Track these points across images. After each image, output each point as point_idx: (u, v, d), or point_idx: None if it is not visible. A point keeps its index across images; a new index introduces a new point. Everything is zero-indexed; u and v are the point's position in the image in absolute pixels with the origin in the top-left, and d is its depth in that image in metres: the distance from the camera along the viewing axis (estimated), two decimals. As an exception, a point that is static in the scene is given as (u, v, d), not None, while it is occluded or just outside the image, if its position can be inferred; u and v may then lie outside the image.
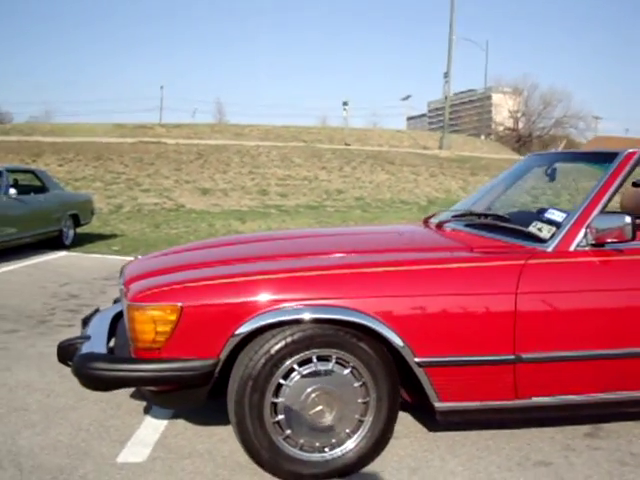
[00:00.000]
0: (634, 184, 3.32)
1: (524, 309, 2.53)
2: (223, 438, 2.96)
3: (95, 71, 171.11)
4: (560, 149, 3.68)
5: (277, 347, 2.45)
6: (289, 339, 2.46)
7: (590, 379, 2.67)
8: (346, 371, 2.54)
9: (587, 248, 2.68)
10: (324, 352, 2.51)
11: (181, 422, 3.18)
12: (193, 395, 2.58)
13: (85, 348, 2.72)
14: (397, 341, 2.48)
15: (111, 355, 2.63)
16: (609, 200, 2.76)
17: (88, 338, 2.87)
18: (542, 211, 2.95)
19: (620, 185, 2.79)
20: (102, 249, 9.99)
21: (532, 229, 2.83)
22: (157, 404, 2.77)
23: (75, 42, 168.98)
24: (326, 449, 2.58)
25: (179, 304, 2.46)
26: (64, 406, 3.38)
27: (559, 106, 54.44)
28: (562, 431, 3.05)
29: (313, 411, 2.53)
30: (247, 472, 2.65)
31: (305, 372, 2.51)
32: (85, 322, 3.26)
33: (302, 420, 2.53)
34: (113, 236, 11.70)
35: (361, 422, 2.59)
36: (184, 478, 2.63)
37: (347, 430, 2.58)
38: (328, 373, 2.53)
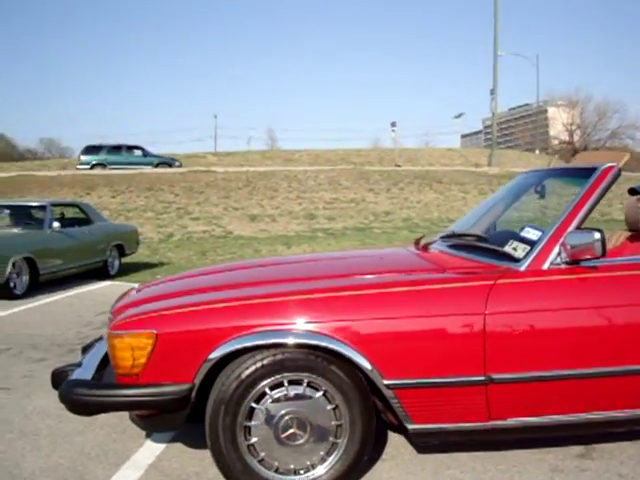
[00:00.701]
0: (631, 191, 3.24)
1: (493, 329, 2.52)
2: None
3: (152, 102, 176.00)
4: (552, 165, 3.64)
5: (248, 372, 2.52)
6: (259, 364, 2.52)
7: (567, 399, 2.63)
8: (318, 394, 2.58)
9: (562, 266, 2.66)
10: (295, 376, 2.56)
11: (178, 445, 3.26)
12: (172, 419, 2.66)
13: (74, 375, 2.84)
14: (365, 364, 2.51)
15: (93, 381, 2.73)
16: (586, 216, 2.73)
17: (80, 365, 2.99)
18: (521, 230, 2.94)
19: (598, 200, 2.75)
20: (146, 278, 10.22)
21: (507, 248, 2.82)
22: (142, 427, 2.85)
23: (134, 78, 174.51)
24: (301, 471, 2.62)
25: (154, 331, 2.56)
26: (72, 431, 3.51)
27: (615, 117, 53.06)
28: (553, 452, 3.01)
29: (286, 434, 2.57)
30: (229, 495, 2.70)
31: (277, 396, 2.57)
32: (85, 350, 3.39)
33: (276, 443, 2.58)
34: (160, 264, 11.98)
35: (335, 444, 2.62)
36: (166, 500, 2.71)
37: (322, 452, 2.61)
38: (300, 396, 2.58)
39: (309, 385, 2.58)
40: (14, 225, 9.33)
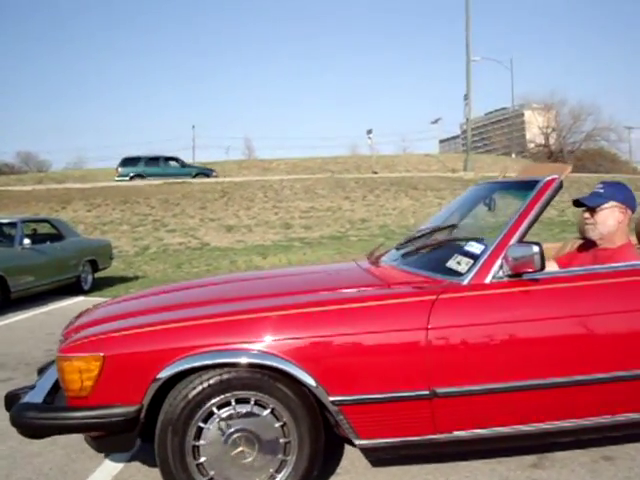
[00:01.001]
0: (575, 202, 3.29)
1: (435, 344, 2.56)
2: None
3: (127, 115, 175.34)
4: (500, 178, 3.70)
5: (194, 392, 2.54)
6: (205, 384, 2.54)
7: (513, 411, 2.66)
8: (266, 412, 2.60)
9: (505, 279, 2.71)
10: (242, 395, 2.58)
11: (136, 464, 3.26)
12: (123, 440, 2.68)
13: (26, 398, 2.84)
14: (310, 381, 2.54)
15: (43, 404, 2.73)
16: (528, 228, 2.78)
17: (33, 388, 2.99)
18: (465, 244, 2.98)
19: (540, 212, 2.81)
20: (120, 292, 10.17)
21: (451, 263, 2.87)
22: (95, 449, 2.85)
23: (106, 87, 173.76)
24: (251, 489, 2.63)
25: (101, 354, 2.57)
26: (32, 452, 3.49)
27: (589, 119, 53.71)
28: (506, 462, 3.04)
29: (235, 452, 2.60)
30: (181, 515, 2.70)
31: (224, 415, 2.59)
32: (40, 371, 3.39)
33: (225, 462, 2.60)
34: (134, 278, 11.92)
35: (284, 461, 2.64)
36: (116, 521, 2.72)
37: (271, 470, 2.63)
38: (248, 415, 2.60)
39: (257, 403, 2.60)
40: (-22, 242, 9.27)
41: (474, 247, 2.86)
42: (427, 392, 2.58)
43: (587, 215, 3.14)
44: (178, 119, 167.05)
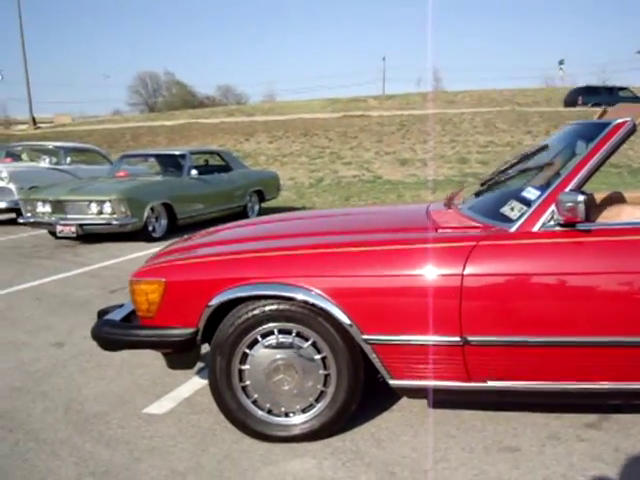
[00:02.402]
0: None
1: (469, 291, 2.50)
2: (238, 399, 3.28)
3: (317, 47, 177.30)
4: (596, 118, 3.38)
5: (240, 320, 2.73)
6: (250, 313, 2.72)
7: (551, 366, 2.55)
8: (306, 344, 2.73)
9: (556, 229, 2.55)
10: (285, 326, 2.73)
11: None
12: (185, 358, 2.97)
13: (110, 315, 3.21)
14: (344, 319, 2.61)
15: (118, 322, 3.07)
16: (589, 176, 2.58)
17: (121, 306, 3.36)
18: (523, 189, 2.83)
19: (604, 159, 2.59)
20: (283, 222, 10.71)
21: (505, 208, 2.75)
22: (167, 365, 3.17)
23: (304, 23, 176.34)
24: (291, 414, 2.81)
25: (163, 279, 2.84)
26: (138, 363, 3.93)
27: None
28: (563, 418, 2.92)
29: (276, 379, 2.77)
30: (235, 431, 2.95)
31: (267, 343, 2.76)
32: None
33: (267, 387, 2.78)
34: (301, 209, 12.41)
35: (324, 392, 2.77)
36: (183, 429, 3.03)
37: (311, 399, 2.78)
38: (289, 345, 2.74)
39: (298, 335, 2.74)
40: (156, 173, 10.16)
41: (530, 193, 2.72)
42: (459, 339, 2.55)
43: None
44: (368, 51, 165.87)
